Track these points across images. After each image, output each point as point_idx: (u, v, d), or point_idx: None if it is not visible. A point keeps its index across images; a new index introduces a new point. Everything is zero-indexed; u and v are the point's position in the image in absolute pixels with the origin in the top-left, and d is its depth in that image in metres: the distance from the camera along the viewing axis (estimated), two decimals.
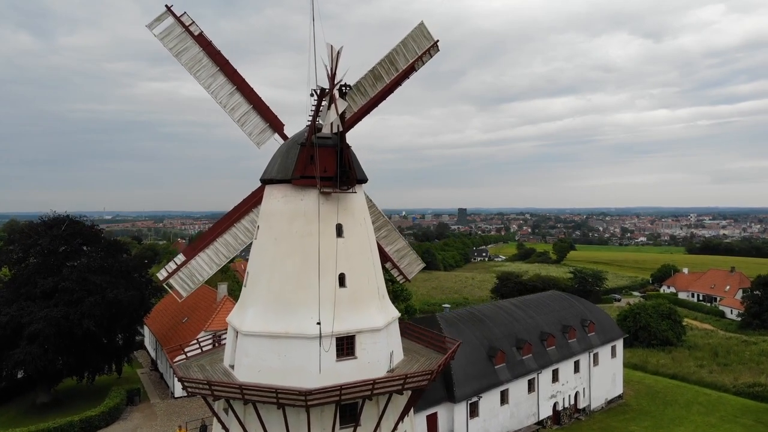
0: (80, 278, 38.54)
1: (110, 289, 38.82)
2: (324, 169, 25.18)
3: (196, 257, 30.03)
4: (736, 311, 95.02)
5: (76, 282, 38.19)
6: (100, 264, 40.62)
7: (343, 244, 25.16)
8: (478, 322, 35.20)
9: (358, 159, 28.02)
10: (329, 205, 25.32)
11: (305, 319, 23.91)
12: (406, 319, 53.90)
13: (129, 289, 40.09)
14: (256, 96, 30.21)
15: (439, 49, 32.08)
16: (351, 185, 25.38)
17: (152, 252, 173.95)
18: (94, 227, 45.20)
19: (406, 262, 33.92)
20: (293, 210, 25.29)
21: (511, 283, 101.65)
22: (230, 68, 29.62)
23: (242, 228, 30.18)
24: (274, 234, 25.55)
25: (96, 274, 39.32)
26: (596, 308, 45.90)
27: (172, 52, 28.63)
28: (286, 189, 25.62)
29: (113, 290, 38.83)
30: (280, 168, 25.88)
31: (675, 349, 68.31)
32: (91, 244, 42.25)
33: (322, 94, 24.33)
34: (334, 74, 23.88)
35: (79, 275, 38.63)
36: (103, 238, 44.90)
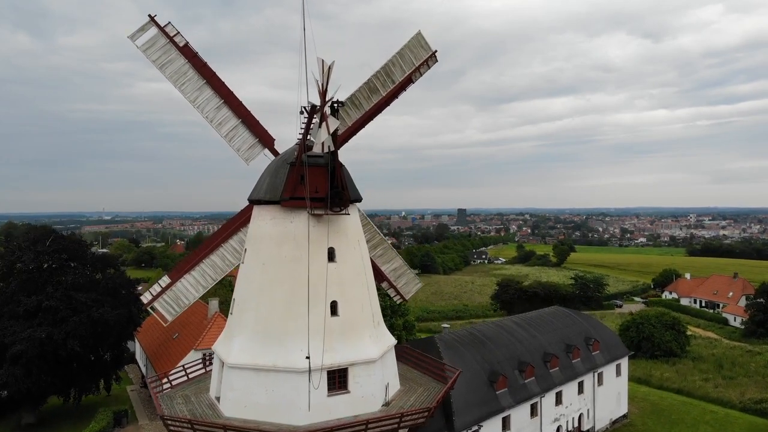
0: (65, 296, 37.05)
1: (96, 307, 37.33)
2: (315, 189, 23.74)
3: (181, 279, 28.62)
4: (739, 319, 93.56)
5: (60, 300, 36.70)
6: (86, 280, 39.12)
7: (336, 269, 23.70)
8: (478, 344, 33.75)
9: (351, 176, 26.58)
10: (320, 227, 23.86)
11: (294, 352, 22.45)
12: (405, 337, 52.66)
13: (116, 307, 38.60)
14: (244, 109, 28.74)
15: (437, 59, 30.72)
16: (344, 206, 23.92)
17: (149, 256, 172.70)
18: (81, 241, 43.70)
19: (404, 281, 32.48)
20: (282, 233, 23.82)
21: (512, 289, 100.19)
22: (217, 80, 28.16)
23: (230, 248, 28.75)
24: (261, 258, 24.08)
25: (81, 292, 37.81)
26: (600, 325, 44.50)
27: (156, 64, 27.18)
28: (274, 211, 24.16)
29: (99, 308, 37.35)
30: (269, 188, 24.42)
31: (679, 360, 66.80)
32: (78, 260, 40.75)
33: (313, 112, 22.91)
34: (326, 90, 22.44)
35: (63, 293, 37.14)
36: (90, 252, 43.40)
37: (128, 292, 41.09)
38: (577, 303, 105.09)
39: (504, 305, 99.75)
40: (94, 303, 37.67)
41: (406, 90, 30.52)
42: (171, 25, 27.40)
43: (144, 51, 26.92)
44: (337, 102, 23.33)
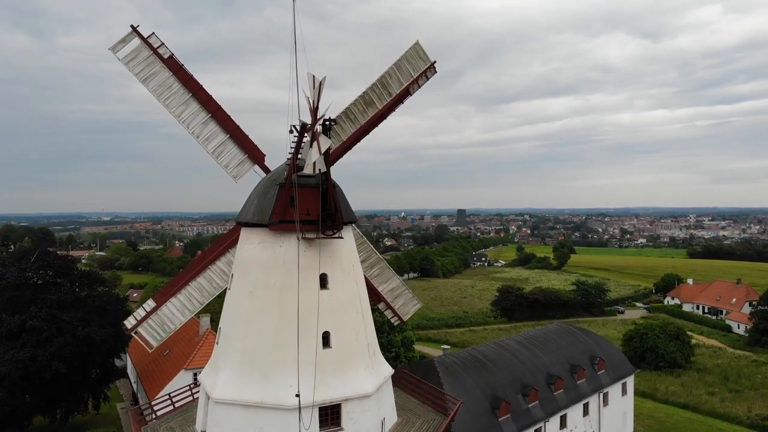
0: (49, 316, 35.56)
1: (82, 326, 35.84)
2: (306, 211, 22.27)
3: (167, 303, 27.11)
4: (743, 326, 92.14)
5: (44, 320, 35.21)
6: (72, 298, 37.58)
7: (328, 296, 22.23)
8: (480, 368, 32.32)
9: (345, 196, 25.14)
10: (312, 252, 22.38)
11: (283, 387, 20.99)
12: (403, 354, 51.11)
13: (103, 326, 37.10)
14: (233, 123, 27.28)
15: (437, 70, 29.27)
16: (337, 229, 22.45)
17: (146, 260, 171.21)
18: (67, 257, 42.19)
19: (401, 302, 31.01)
20: (271, 258, 22.35)
21: (513, 296, 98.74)
22: (204, 94, 26.71)
23: (217, 271, 27.25)
24: (249, 285, 22.62)
25: (67, 311, 36.30)
26: (605, 342, 43.08)
27: (139, 77, 25.70)
28: (263, 234, 22.68)
29: (85, 328, 35.86)
30: (257, 210, 22.95)
31: (684, 372, 65.47)
32: (64, 276, 39.23)
33: (303, 130, 21.47)
34: (317, 108, 20.99)
35: (48, 312, 35.65)
36: (77, 268, 41.87)
37: (116, 309, 39.56)
38: (579, 309, 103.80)
39: (504, 312, 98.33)
40: (79, 322, 36.17)
41: (403, 102, 29.17)
42: (155, 35, 25.97)
43: (126, 64, 25.47)
44: (330, 120, 21.85)
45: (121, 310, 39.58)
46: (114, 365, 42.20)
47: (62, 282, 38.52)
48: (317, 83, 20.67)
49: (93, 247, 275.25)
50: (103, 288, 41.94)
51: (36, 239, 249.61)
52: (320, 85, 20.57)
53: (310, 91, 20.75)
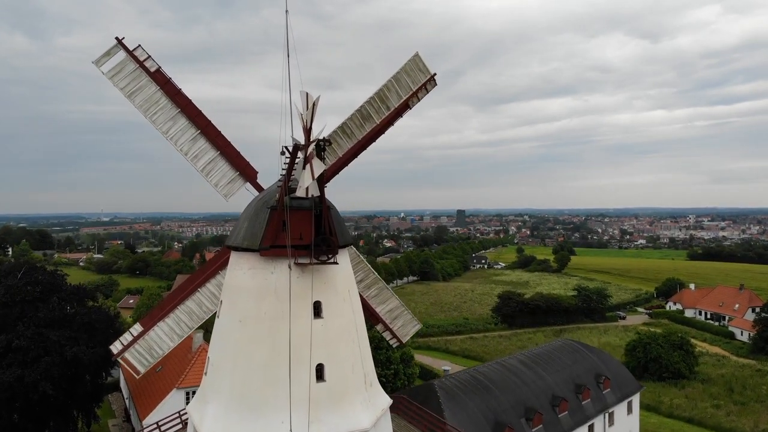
0: (36, 334, 34.31)
1: (70, 346, 34.59)
2: (299, 235, 21.07)
3: (154, 328, 25.95)
4: (747, 333, 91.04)
5: (31, 339, 33.95)
6: (60, 316, 36.32)
7: (322, 326, 21.04)
8: (482, 391, 31.16)
9: (341, 217, 23.97)
10: (305, 279, 21.17)
11: (275, 423, 19.81)
12: (402, 371, 49.84)
13: (92, 345, 35.85)
14: (223, 139, 26.10)
15: (437, 83, 28.08)
16: (332, 254, 21.25)
17: (144, 263, 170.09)
18: (56, 272, 40.93)
19: (400, 323, 29.81)
20: (262, 286, 21.13)
21: (513, 302, 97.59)
22: (193, 109, 25.50)
23: (207, 293, 26.09)
24: (238, 314, 21.40)
25: (54, 329, 35.05)
26: (611, 359, 41.96)
27: (124, 92, 24.50)
28: (253, 260, 21.46)
29: (73, 347, 34.61)
30: (247, 234, 21.73)
31: (688, 383, 64.38)
32: (52, 293, 37.94)
33: (296, 152, 20.30)
34: (310, 128, 19.75)
35: (35, 331, 34.40)
36: (67, 284, 40.58)
37: (106, 327, 38.29)
38: (580, 315, 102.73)
39: (505, 318, 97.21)
40: (67, 341, 34.91)
41: (402, 116, 28.02)
42: (141, 48, 24.76)
43: (111, 78, 24.28)
44: (324, 140, 20.66)
45: (111, 328, 38.32)
46: (104, 383, 40.95)
47: (50, 299, 37.26)
48: (311, 103, 19.48)
49: (92, 249, 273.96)
50: (93, 303, 40.66)
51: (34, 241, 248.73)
52: (314, 105, 19.39)
53: (303, 111, 19.58)
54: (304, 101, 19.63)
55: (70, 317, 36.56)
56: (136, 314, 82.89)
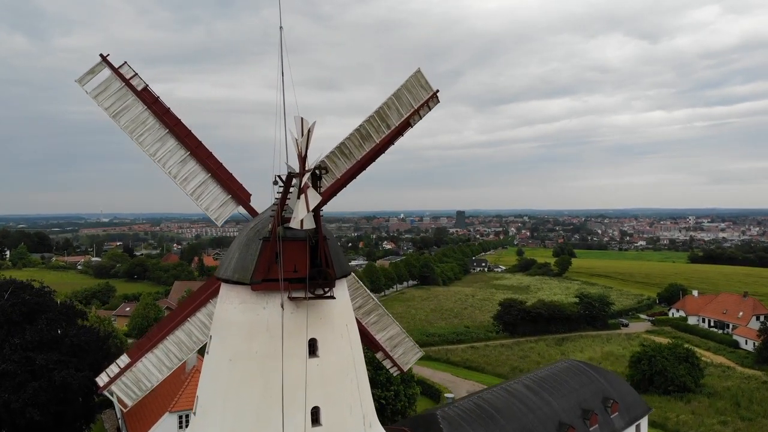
0: (23, 358, 32.94)
1: (58, 370, 33.24)
2: (293, 268, 19.81)
3: (142, 359, 24.62)
4: (751, 342, 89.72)
5: (18, 363, 32.60)
6: (49, 338, 34.91)
7: (318, 366, 19.76)
8: (486, 420, 29.88)
9: (338, 246, 22.69)
10: (299, 314, 19.89)
11: None
12: (402, 391, 48.35)
13: (81, 368, 34.47)
14: (215, 161, 24.80)
15: (439, 100, 26.81)
16: (329, 287, 19.97)
17: (142, 268, 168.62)
18: (44, 290, 39.51)
19: (401, 351, 28.54)
20: (253, 322, 19.85)
21: (515, 310, 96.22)
22: (183, 129, 24.20)
23: (197, 323, 24.76)
24: (228, 352, 20.12)
25: (42, 352, 33.68)
26: (618, 380, 40.70)
27: (110, 112, 23.20)
28: (244, 293, 20.18)
29: (62, 371, 33.25)
30: (238, 266, 20.43)
31: (694, 396, 63.01)
32: (40, 313, 36.52)
33: (289, 181, 19.02)
34: (305, 156, 18.52)
35: (21, 355, 33.04)
36: (55, 302, 39.15)
37: (96, 349, 36.86)
38: (582, 323, 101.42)
39: (507, 326, 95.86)
40: (55, 365, 33.53)
41: (403, 135, 26.74)
42: (127, 65, 23.48)
43: (95, 97, 23.03)
44: (320, 168, 19.36)
45: (101, 350, 36.92)
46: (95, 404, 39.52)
47: (38, 320, 35.89)
48: (306, 129, 18.22)
49: (90, 252, 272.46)
50: (83, 321, 39.25)
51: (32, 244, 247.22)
52: (309, 131, 18.12)
53: (298, 137, 18.32)
54: (299, 127, 18.38)
55: (59, 339, 35.17)
56: (132, 324, 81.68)
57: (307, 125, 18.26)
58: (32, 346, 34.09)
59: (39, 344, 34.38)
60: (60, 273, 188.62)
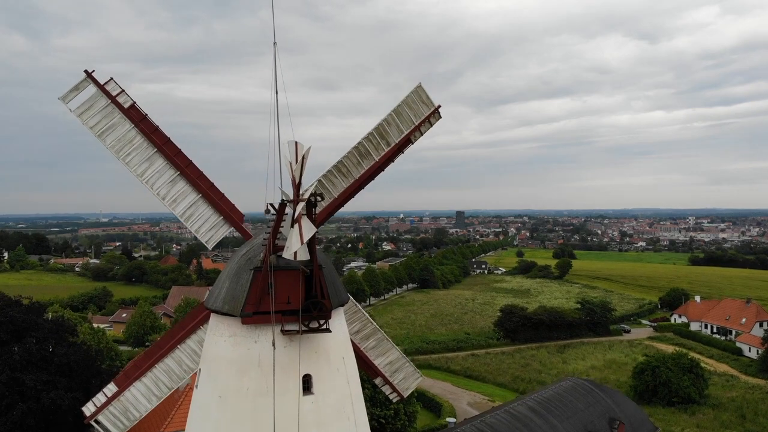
0: (11, 379, 31.86)
1: (47, 391, 32.17)
2: (286, 299, 18.67)
3: (130, 388, 23.48)
4: (755, 349, 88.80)
5: (5, 384, 31.52)
6: (37, 357, 33.84)
7: (313, 404, 18.62)
8: None
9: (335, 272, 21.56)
10: (293, 348, 18.73)
11: None
12: (402, 410, 47.16)
13: (71, 388, 33.40)
14: (206, 181, 23.62)
15: (441, 116, 25.75)
16: (325, 318, 18.85)
17: (140, 271, 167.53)
18: (33, 306, 38.41)
19: (401, 376, 27.34)
20: (244, 357, 18.70)
21: (516, 316, 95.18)
22: (173, 148, 23.03)
23: (188, 351, 23.58)
24: (217, 389, 18.98)
25: (31, 373, 32.62)
26: (624, 399, 39.67)
27: (95, 131, 22.03)
28: (235, 326, 19.02)
29: (51, 392, 32.19)
30: (228, 297, 19.29)
31: (698, 408, 62.09)
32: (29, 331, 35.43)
33: (282, 209, 17.89)
34: (300, 183, 17.37)
35: (9, 376, 31.96)
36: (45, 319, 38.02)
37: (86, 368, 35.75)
38: (584, 329, 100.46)
39: (508, 333, 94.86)
40: (44, 386, 32.46)
41: (403, 152, 25.66)
42: (113, 81, 22.32)
43: (79, 116, 21.86)
44: (315, 195, 18.23)
45: (91, 368, 35.81)
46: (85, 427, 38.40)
47: (26, 338, 34.79)
48: (300, 154, 17.09)
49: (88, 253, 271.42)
50: (73, 339, 38.13)
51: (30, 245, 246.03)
52: (304, 157, 16.99)
53: (292, 163, 17.20)
54: (293, 153, 17.26)
55: (48, 359, 34.09)
56: (128, 332, 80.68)
57: (302, 150, 17.13)
58: (20, 366, 33.00)
59: (27, 364, 33.29)
60: (58, 275, 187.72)
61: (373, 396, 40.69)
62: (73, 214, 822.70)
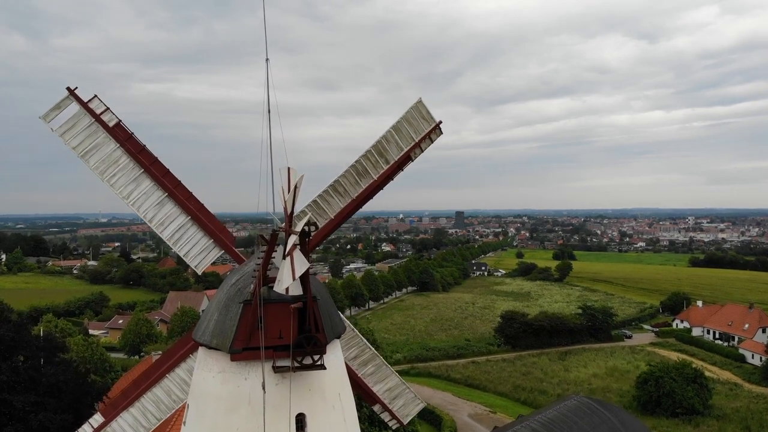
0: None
1: (35, 413, 31.05)
2: (278, 334, 17.59)
3: (117, 419, 22.50)
4: (758, 356, 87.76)
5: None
6: (26, 377, 32.71)
7: None
8: None
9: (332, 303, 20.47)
10: (286, 385, 17.62)
11: None
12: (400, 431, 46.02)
13: (60, 410, 32.27)
14: (196, 202, 22.54)
15: (442, 132, 24.69)
16: (319, 353, 17.76)
17: (137, 274, 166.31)
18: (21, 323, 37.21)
19: (401, 402, 26.26)
20: (233, 394, 17.60)
21: (517, 323, 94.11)
22: (160, 168, 21.94)
23: (177, 380, 22.54)
24: (206, 427, 17.86)
25: (18, 393, 31.50)
26: (630, 418, 38.57)
27: (78, 151, 20.94)
28: (223, 361, 17.92)
29: (39, 413, 31.08)
30: (216, 331, 18.19)
31: (702, 419, 61.07)
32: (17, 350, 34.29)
33: (274, 240, 16.80)
34: (292, 213, 16.32)
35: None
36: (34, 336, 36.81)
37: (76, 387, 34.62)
38: (585, 335, 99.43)
39: (508, 340, 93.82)
40: (32, 407, 31.34)
41: (403, 170, 24.61)
42: (98, 98, 21.25)
43: (61, 135, 20.77)
44: (310, 224, 17.13)
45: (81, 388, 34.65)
46: None
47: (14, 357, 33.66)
48: (293, 183, 16.01)
49: (87, 255, 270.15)
50: (63, 354, 37.01)
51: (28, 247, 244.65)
52: (296, 187, 15.91)
53: (285, 192, 16.14)
54: (285, 180, 16.20)
55: (36, 379, 32.96)
56: (123, 340, 79.53)
57: (295, 178, 16.07)
58: (8, 386, 31.89)
59: (15, 384, 32.18)
60: (55, 278, 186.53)
61: (371, 415, 39.56)
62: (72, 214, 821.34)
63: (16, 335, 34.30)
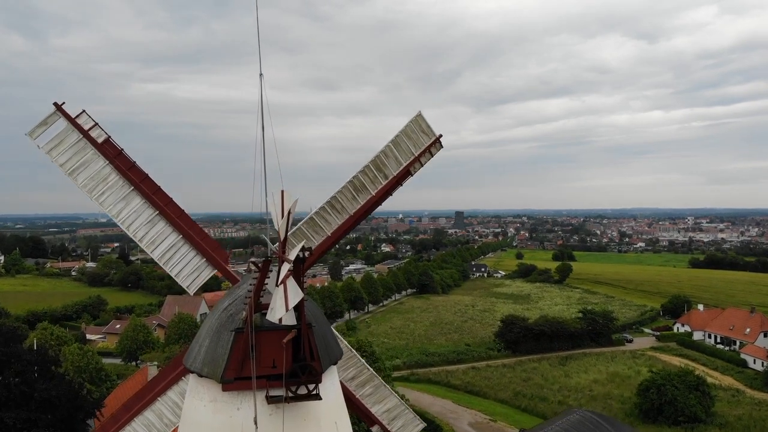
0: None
1: (28, 430, 30.32)
2: (271, 363, 16.89)
3: None
4: (759, 361, 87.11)
5: None
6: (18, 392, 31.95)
7: None
8: None
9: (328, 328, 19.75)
10: (280, 414, 16.94)
11: None
12: None
13: (53, 427, 31.53)
14: (188, 219, 21.91)
15: (443, 145, 24.01)
16: (315, 382, 17.04)
17: (136, 277, 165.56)
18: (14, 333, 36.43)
19: (400, 424, 25.64)
20: (225, 425, 16.88)
21: (517, 327, 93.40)
22: (150, 184, 21.29)
23: (168, 403, 21.97)
24: None
25: (10, 410, 30.77)
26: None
27: (65, 168, 20.32)
28: (215, 390, 17.20)
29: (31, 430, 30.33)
30: (207, 358, 17.46)
31: (705, 428, 60.37)
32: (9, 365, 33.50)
33: (266, 268, 16.09)
34: (286, 240, 15.62)
35: None
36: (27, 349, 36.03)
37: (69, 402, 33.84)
38: (586, 339, 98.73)
39: (509, 345, 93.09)
40: (24, 424, 30.63)
41: (402, 185, 23.94)
42: (86, 114, 20.62)
43: (48, 152, 20.15)
44: (305, 249, 16.41)
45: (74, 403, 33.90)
46: None
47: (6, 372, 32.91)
48: (287, 208, 15.30)
49: (85, 256, 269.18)
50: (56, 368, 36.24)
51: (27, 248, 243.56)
52: (290, 212, 15.21)
53: (278, 218, 15.43)
54: (278, 204, 15.49)
55: (29, 395, 32.22)
56: (120, 346, 78.74)
57: (289, 202, 15.36)
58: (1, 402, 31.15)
59: (7, 401, 31.44)
60: (53, 281, 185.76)
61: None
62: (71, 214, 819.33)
63: (8, 348, 33.55)
